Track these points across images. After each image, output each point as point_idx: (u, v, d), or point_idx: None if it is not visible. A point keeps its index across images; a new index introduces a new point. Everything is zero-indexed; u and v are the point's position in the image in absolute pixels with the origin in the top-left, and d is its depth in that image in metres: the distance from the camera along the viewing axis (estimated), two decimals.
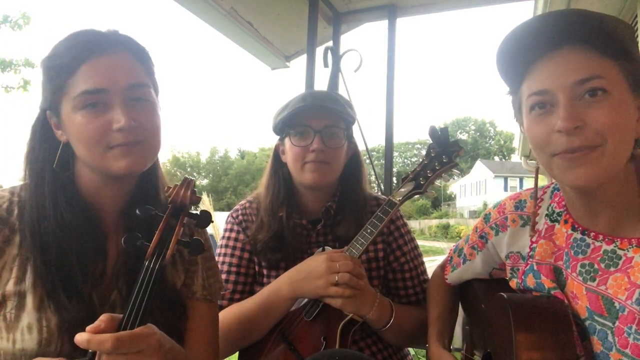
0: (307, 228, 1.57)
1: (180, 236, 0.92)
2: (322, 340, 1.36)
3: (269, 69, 3.49)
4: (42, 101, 1.04)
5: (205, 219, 0.97)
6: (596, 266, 0.97)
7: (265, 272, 1.56)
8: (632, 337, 0.86)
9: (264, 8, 2.82)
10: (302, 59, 2.90)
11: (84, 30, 1.02)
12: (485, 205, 35.80)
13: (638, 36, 2.11)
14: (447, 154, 1.40)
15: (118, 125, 0.96)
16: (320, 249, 1.51)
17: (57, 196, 1.01)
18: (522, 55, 0.96)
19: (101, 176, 1.04)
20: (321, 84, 2.72)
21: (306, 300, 1.42)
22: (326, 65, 2.72)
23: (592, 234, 1.00)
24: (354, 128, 1.65)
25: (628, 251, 0.93)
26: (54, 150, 1.03)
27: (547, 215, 1.12)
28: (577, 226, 1.04)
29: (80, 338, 0.80)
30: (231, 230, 1.61)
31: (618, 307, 0.90)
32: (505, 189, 41.58)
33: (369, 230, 1.40)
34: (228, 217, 1.65)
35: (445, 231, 32.68)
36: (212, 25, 2.89)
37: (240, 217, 1.61)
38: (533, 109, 0.95)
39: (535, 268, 1.08)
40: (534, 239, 1.12)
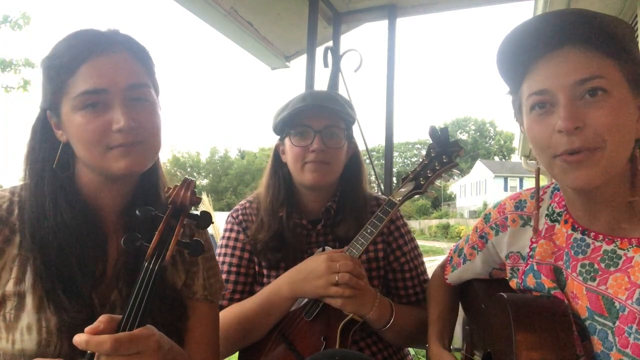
0: (307, 228, 1.57)
1: (180, 237, 0.92)
2: (322, 340, 1.36)
3: (269, 69, 3.50)
4: (42, 101, 1.04)
5: (205, 220, 0.96)
6: (596, 266, 0.97)
7: (265, 272, 1.55)
8: (632, 336, 0.86)
9: (264, 8, 2.82)
10: (302, 59, 2.90)
11: (84, 30, 1.02)
12: (485, 205, 35.79)
13: (638, 36, 2.11)
14: (447, 154, 1.40)
15: (118, 126, 0.96)
16: (320, 249, 1.51)
17: (57, 196, 1.00)
18: (522, 55, 0.96)
19: (101, 176, 1.04)
20: (321, 84, 2.72)
21: (306, 300, 1.42)
22: (326, 65, 2.72)
23: (592, 233, 1.00)
24: (354, 128, 1.65)
25: (628, 251, 0.93)
26: (54, 151, 1.03)
27: (547, 215, 1.12)
28: (577, 226, 1.03)
29: (79, 339, 0.79)
30: (231, 230, 1.61)
31: (618, 307, 0.90)
32: (505, 189, 41.57)
33: (369, 230, 1.40)
34: (228, 217, 1.65)
35: (445, 231, 32.67)
36: (212, 25, 2.89)
37: (240, 217, 1.61)
38: (533, 109, 0.95)
39: (535, 268, 1.08)
40: (535, 239, 1.12)
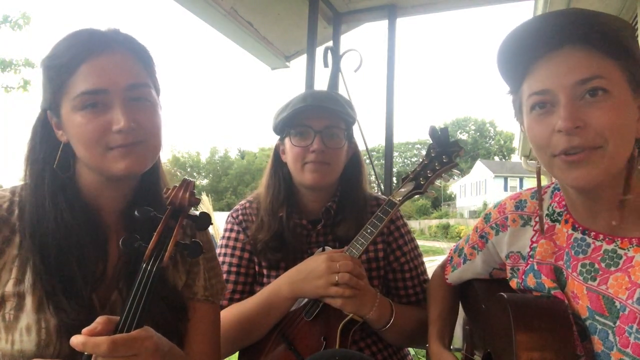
0: (307, 228, 1.57)
1: (179, 238, 0.92)
2: (322, 340, 1.36)
3: (269, 69, 3.50)
4: (42, 101, 1.04)
5: (204, 221, 0.96)
6: (597, 266, 0.97)
7: (265, 272, 1.55)
8: (633, 336, 0.86)
9: (264, 8, 2.82)
10: (302, 59, 2.90)
11: (84, 30, 1.01)
12: (485, 205, 35.80)
13: (638, 36, 2.11)
14: (447, 154, 1.40)
15: (118, 127, 0.95)
16: (320, 249, 1.51)
17: (57, 197, 1.00)
18: (522, 55, 0.96)
19: (101, 177, 1.03)
20: (321, 84, 2.72)
21: (306, 300, 1.42)
22: (326, 65, 2.72)
23: (592, 233, 1.00)
24: (354, 128, 1.65)
25: (628, 251, 0.93)
26: (55, 151, 1.03)
27: (547, 215, 1.11)
28: (577, 226, 1.03)
29: (76, 340, 0.79)
30: (231, 230, 1.61)
31: (619, 307, 0.90)
32: (505, 189, 41.56)
33: (369, 230, 1.40)
34: (228, 217, 1.65)
35: (445, 231, 32.66)
36: (212, 25, 2.89)
37: (240, 217, 1.61)
38: (534, 109, 0.95)
39: (535, 268, 1.08)
40: (535, 239, 1.12)
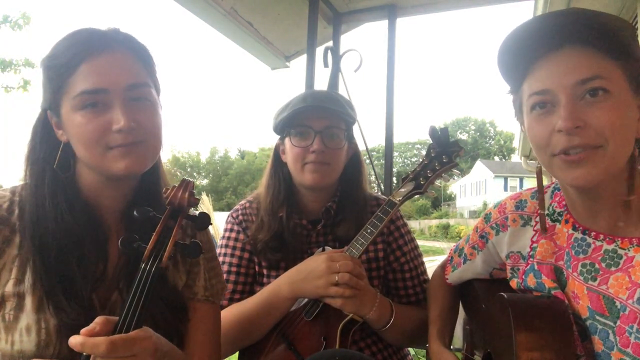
0: (307, 228, 1.57)
1: (178, 238, 0.91)
2: (322, 340, 1.36)
3: (269, 69, 3.49)
4: (42, 101, 1.03)
5: (203, 221, 0.96)
6: (597, 266, 0.97)
7: (265, 272, 1.55)
8: (633, 336, 0.86)
9: (264, 8, 2.82)
10: (302, 59, 2.90)
11: (84, 29, 1.01)
12: (485, 205, 35.80)
13: (639, 36, 2.10)
14: (447, 154, 1.40)
15: (118, 126, 0.95)
16: (320, 249, 1.51)
17: (57, 197, 1.00)
18: (523, 55, 0.95)
19: (102, 176, 1.03)
20: (321, 84, 2.72)
21: (306, 300, 1.41)
22: (326, 65, 2.72)
23: (592, 233, 1.00)
24: (354, 128, 1.65)
25: (629, 250, 0.93)
26: (55, 151, 1.03)
27: (548, 215, 1.11)
28: (577, 226, 1.03)
29: (74, 341, 0.79)
30: (231, 230, 1.61)
31: (619, 307, 0.90)
32: (505, 189, 41.56)
33: (369, 231, 1.40)
34: (228, 217, 1.64)
35: (445, 231, 32.66)
36: (212, 25, 2.89)
37: (240, 217, 1.61)
38: (534, 109, 0.95)
39: (536, 268, 1.08)
40: (535, 239, 1.12)
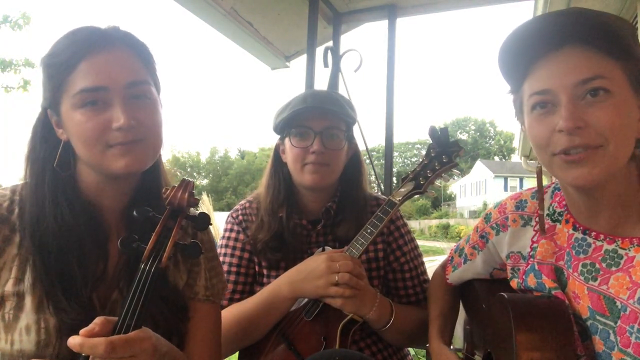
0: (307, 228, 1.57)
1: (178, 238, 0.91)
2: (322, 340, 1.36)
3: (269, 69, 3.49)
4: (42, 100, 1.03)
5: (203, 221, 0.95)
6: (597, 266, 0.97)
7: (265, 272, 1.55)
8: (634, 336, 0.86)
9: (264, 8, 2.82)
10: (302, 59, 2.90)
11: (84, 27, 1.01)
12: (485, 205, 35.81)
13: (639, 35, 2.10)
14: (447, 154, 1.40)
15: (117, 125, 0.95)
16: (320, 249, 1.51)
17: (57, 196, 1.00)
18: (523, 55, 0.95)
19: (102, 175, 1.03)
20: (321, 84, 2.72)
21: (306, 300, 1.41)
22: (326, 65, 2.72)
23: (593, 233, 1.00)
24: (354, 128, 1.65)
25: (629, 250, 0.93)
26: (55, 150, 1.02)
27: (548, 215, 1.11)
28: (578, 226, 1.03)
29: (73, 342, 0.78)
30: (231, 230, 1.60)
31: (620, 307, 0.90)
32: (505, 189, 41.55)
33: (369, 231, 1.40)
34: (228, 217, 1.64)
35: (445, 231, 32.66)
36: (212, 25, 2.89)
37: (240, 217, 1.61)
38: (534, 109, 0.94)
39: (536, 268, 1.07)
40: (535, 239, 1.12)
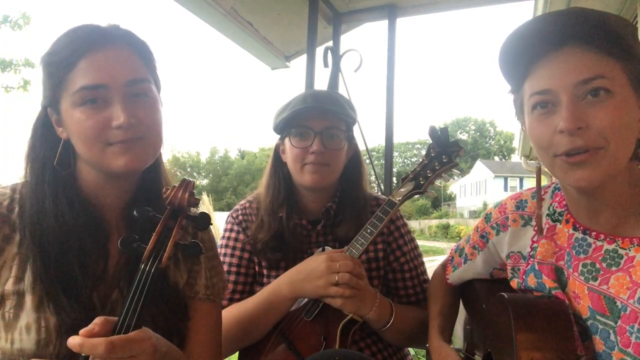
0: (307, 228, 1.56)
1: (178, 238, 0.91)
2: (322, 340, 1.36)
3: (269, 69, 3.49)
4: (42, 98, 1.03)
5: (203, 221, 0.95)
6: (598, 266, 0.97)
7: (265, 272, 1.55)
8: (634, 336, 0.86)
9: (264, 8, 2.82)
10: (302, 59, 2.89)
11: (84, 25, 1.01)
12: (485, 205, 35.81)
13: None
14: (447, 154, 1.40)
15: (117, 123, 0.95)
16: (320, 249, 1.51)
17: (57, 194, 0.99)
18: (524, 55, 0.95)
19: (102, 174, 1.03)
20: (321, 84, 2.72)
21: (306, 300, 1.41)
22: (326, 65, 2.72)
23: (593, 233, 1.00)
24: (355, 128, 1.65)
25: (629, 250, 0.93)
26: (55, 148, 1.02)
27: (548, 215, 1.11)
28: (578, 226, 1.03)
29: (73, 342, 0.78)
30: (231, 230, 1.60)
31: (620, 307, 0.90)
32: (505, 189, 41.56)
33: (369, 231, 1.40)
34: (228, 217, 1.64)
35: (445, 231, 32.67)
36: (212, 25, 2.89)
37: (240, 217, 1.61)
38: (535, 109, 0.94)
39: (536, 268, 1.07)
40: (536, 239, 1.12)
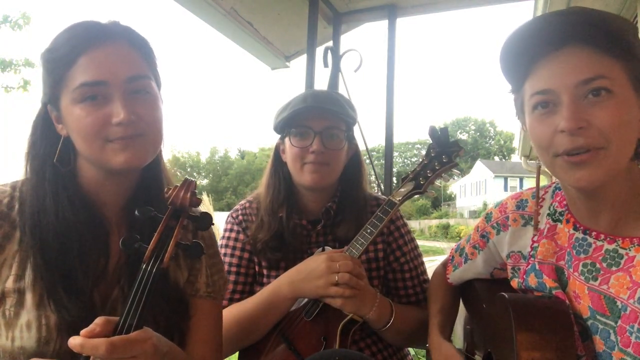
0: (307, 228, 1.56)
1: (180, 238, 0.91)
2: (322, 340, 1.36)
3: (269, 69, 3.49)
4: (42, 95, 1.03)
5: (205, 221, 0.95)
6: (598, 265, 0.97)
7: (265, 272, 1.55)
8: (634, 336, 0.86)
9: (264, 8, 2.81)
10: (302, 59, 2.89)
11: (84, 21, 1.00)
12: (485, 205, 35.81)
13: None
14: (447, 154, 1.40)
15: (117, 119, 0.94)
16: (320, 249, 1.51)
17: (57, 192, 0.99)
18: (525, 54, 0.95)
19: (102, 171, 1.03)
20: (321, 84, 2.71)
21: (306, 300, 1.41)
22: (326, 65, 2.72)
23: (593, 233, 1.00)
24: (355, 128, 1.65)
25: (630, 250, 0.93)
26: (55, 145, 1.02)
27: (548, 215, 1.11)
28: (578, 225, 1.03)
29: (74, 342, 0.78)
30: (231, 230, 1.60)
31: (620, 307, 0.90)
32: (505, 189, 41.56)
33: (369, 231, 1.40)
34: (228, 217, 1.64)
35: (445, 231, 32.67)
36: (212, 25, 2.88)
37: (240, 217, 1.61)
38: (536, 108, 0.94)
39: (537, 267, 1.07)
40: (536, 239, 1.12)
